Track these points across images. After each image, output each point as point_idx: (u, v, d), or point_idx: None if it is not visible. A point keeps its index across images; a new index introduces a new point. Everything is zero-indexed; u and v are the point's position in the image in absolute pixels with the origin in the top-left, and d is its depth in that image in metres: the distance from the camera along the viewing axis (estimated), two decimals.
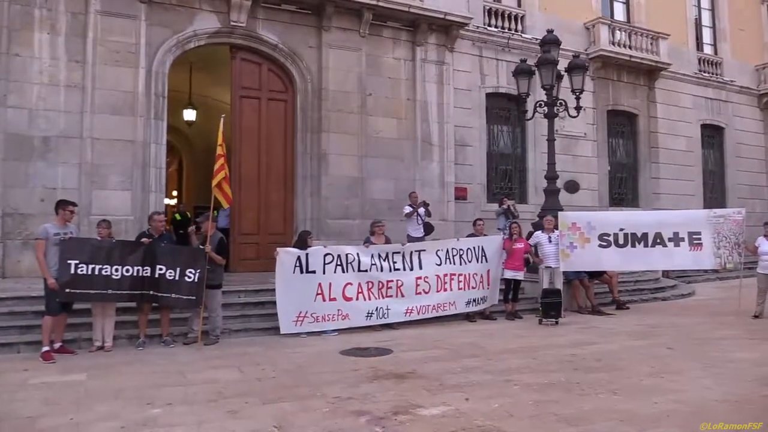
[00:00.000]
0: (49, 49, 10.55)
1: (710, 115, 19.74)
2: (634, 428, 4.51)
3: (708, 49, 20.42)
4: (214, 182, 8.52)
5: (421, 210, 11.69)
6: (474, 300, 10.20)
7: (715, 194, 19.73)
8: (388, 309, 9.35)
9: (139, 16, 11.20)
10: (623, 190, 17.95)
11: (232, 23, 11.99)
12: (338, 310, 9.00)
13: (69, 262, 7.30)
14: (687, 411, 4.91)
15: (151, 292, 7.78)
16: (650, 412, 4.89)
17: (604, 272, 11.35)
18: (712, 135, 20.03)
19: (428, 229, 11.74)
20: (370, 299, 9.27)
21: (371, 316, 9.23)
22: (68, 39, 10.68)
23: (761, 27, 21.48)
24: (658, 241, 10.55)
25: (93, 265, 7.42)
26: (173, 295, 7.84)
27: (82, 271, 7.36)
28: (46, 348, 7.09)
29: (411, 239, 11.06)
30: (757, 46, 21.14)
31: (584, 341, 8.20)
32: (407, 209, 11.69)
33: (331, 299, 8.98)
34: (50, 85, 10.52)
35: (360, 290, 9.21)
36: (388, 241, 10.05)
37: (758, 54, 21.08)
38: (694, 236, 10.44)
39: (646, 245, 10.58)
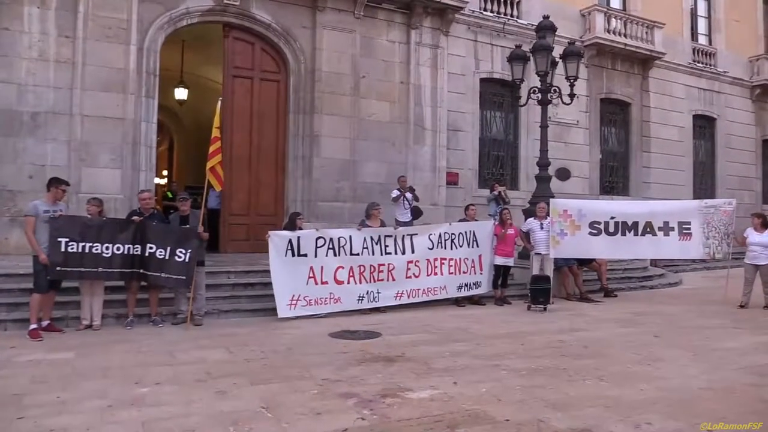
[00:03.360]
0: (39, 24, 10.37)
1: (702, 105, 19.77)
2: (620, 414, 4.55)
3: (702, 40, 20.42)
4: (209, 165, 8.47)
5: (408, 194, 11.68)
6: (466, 284, 10.24)
7: (704, 185, 19.83)
8: (378, 293, 9.38)
9: None
10: (614, 178, 18.01)
11: (225, 1, 11.83)
12: (330, 293, 9.01)
13: (59, 240, 7.26)
14: (673, 398, 4.97)
15: (141, 271, 7.76)
16: (636, 399, 4.94)
17: (593, 260, 11.41)
18: (704, 125, 20.08)
19: (416, 213, 11.73)
20: (361, 283, 9.30)
21: (362, 299, 9.25)
22: (58, 13, 10.49)
23: (756, 19, 21.45)
24: (648, 230, 10.62)
25: (83, 243, 7.40)
26: (163, 274, 7.81)
27: (72, 249, 7.33)
28: (33, 326, 7.08)
29: (398, 224, 11.03)
30: (751, 37, 21.13)
31: (572, 328, 8.26)
32: (395, 193, 11.69)
33: (323, 282, 8.98)
34: (40, 60, 10.35)
35: (351, 274, 9.23)
36: (383, 225, 10.05)
37: (752, 46, 21.10)
38: (683, 226, 10.53)
39: (635, 234, 10.66)
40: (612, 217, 10.72)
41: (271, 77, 12.85)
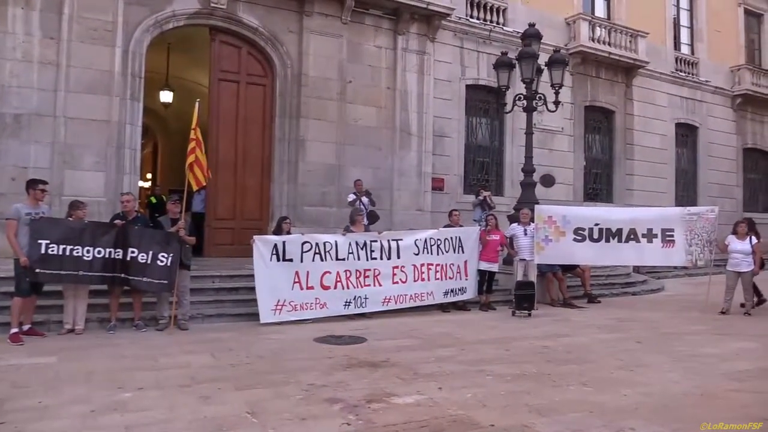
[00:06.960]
0: (24, 25, 10.29)
1: (685, 114, 20.02)
2: (603, 419, 4.58)
3: (685, 49, 20.68)
4: (187, 163, 8.46)
5: (365, 199, 11.64)
6: (452, 290, 10.25)
7: (686, 192, 20.03)
8: (365, 298, 9.35)
9: None
10: (598, 185, 18.16)
11: (212, 4, 11.82)
12: (316, 298, 8.95)
13: (39, 241, 7.17)
14: (655, 403, 5.01)
15: (123, 275, 7.68)
16: (619, 404, 4.98)
17: (577, 266, 11.49)
18: (686, 134, 20.33)
19: (373, 218, 11.66)
20: (347, 288, 9.25)
21: (349, 304, 9.21)
22: (43, 14, 10.42)
23: (737, 29, 21.77)
24: (632, 236, 10.74)
25: (64, 246, 7.30)
26: (144, 279, 7.74)
27: (52, 251, 7.23)
28: (14, 330, 6.99)
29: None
30: (732, 47, 21.43)
31: (556, 333, 8.30)
32: (351, 197, 11.65)
33: (308, 287, 8.92)
34: (24, 62, 10.27)
35: (338, 279, 9.18)
36: (367, 231, 10.03)
37: (734, 55, 21.40)
38: (666, 233, 10.64)
39: (619, 240, 10.77)
40: (596, 224, 10.82)
41: (258, 81, 12.84)
